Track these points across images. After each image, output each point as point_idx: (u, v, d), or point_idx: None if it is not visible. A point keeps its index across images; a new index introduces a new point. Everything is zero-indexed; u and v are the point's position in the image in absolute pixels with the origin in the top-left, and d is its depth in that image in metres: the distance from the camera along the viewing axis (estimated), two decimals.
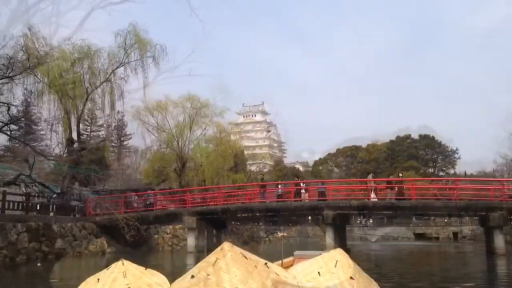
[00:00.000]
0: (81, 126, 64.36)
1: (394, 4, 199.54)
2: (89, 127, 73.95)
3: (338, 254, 3.83)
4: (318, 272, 3.51)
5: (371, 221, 76.60)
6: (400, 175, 33.93)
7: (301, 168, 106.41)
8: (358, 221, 78.09)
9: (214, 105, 42.32)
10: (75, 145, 28.14)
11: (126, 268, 3.80)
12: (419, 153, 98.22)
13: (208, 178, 39.76)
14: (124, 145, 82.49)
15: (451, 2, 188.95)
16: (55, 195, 26.48)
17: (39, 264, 18.11)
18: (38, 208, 25.14)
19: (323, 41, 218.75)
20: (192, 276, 2.87)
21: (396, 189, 25.84)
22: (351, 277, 3.50)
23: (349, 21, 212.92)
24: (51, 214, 25.39)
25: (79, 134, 28.39)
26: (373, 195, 25.81)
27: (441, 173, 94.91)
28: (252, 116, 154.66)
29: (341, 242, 25.69)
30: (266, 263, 3.12)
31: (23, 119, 22.87)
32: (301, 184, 28.94)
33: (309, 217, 67.90)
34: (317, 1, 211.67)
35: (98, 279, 3.75)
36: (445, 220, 66.88)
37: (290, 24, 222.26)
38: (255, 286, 2.51)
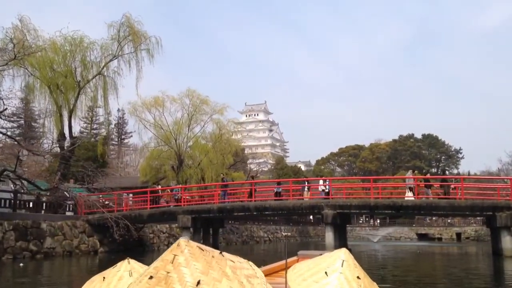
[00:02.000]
0: (81, 123, 63.70)
1: (398, 5, 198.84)
2: (89, 125, 73.42)
3: (344, 253, 3.24)
4: (326, 272, 3.08)
5: (378, 221, 75.42)
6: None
7: (303, 167, 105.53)
8: (361, 221, 77.24)
9: (214, 102, 41.52)
10: (67, 140, 27.16)
11: (132, 266, 3.40)
12: (422, 152, 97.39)
13: (207, 176, 38.83)
14: (125, 143, 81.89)
15: (456, 2, 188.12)
16: (48, 193, 25.61)
17: (21, 264, 17.21)
18: (27, 206, 24.31)
19: (327, 41, 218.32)
20: (151, 277, 2.49)
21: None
22: (358, 277, 3.05)
23: (354, 21, 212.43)
24: (42, 212, 24.54)
25: (70, 129, 27.37)
26: (410, 193, 24.19)
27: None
28: (254, 115, 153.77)
29: (342, 242, 24.75)
30: (221, 252, 2.77)
31: (6, 111, 21.71)
32: (306, 183, 27.92)
33: (311, 217, 67.20)
34: (322, 1, 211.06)
35: (104, 278, 3.33)
36: (448, 221, 66.14)
37: (295, 25, 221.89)
38: (216, 275, 2.35)
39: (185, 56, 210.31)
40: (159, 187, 30.78)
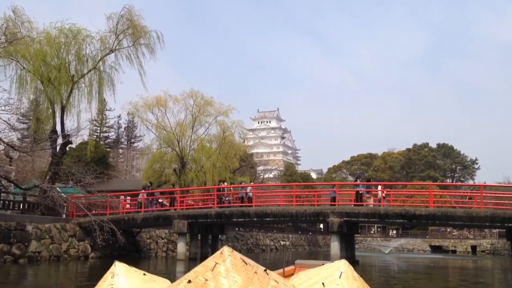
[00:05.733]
0: (90, 126, 62.68)
1: (418, 14, 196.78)
2: (99, 128, 72.58)
3: (343, 265, 3.62)
4: (323, 283, 3.42)
5: (394, 232, 73.12)
6: None
7: (314, 175, 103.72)
8: (372, 231, 75.06)
9: (219, 104, 39.94)
10: (59, 138, 25.74)
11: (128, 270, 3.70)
12: (437, 162, 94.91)
13: (210, 180, 37.20)
14: (135, 146, 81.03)
15: (477, 12, 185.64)
16: (31, 192, 24.12)
17: None
18: (13, 206, 22.93)
19: (343, 48, 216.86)
20: (189, 281, 2.83)
21: None
22: None
23: (371, 29, 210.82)
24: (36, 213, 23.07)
25: (63, 126, 25.91)
26: None
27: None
28: (267, 122, 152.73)
29: (349, 253, 22.97)
30: (265, 270, 3.08)
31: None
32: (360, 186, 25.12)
33: (321, 225, 65.20)
34: (341, 8, 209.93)
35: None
36: (466, 232, 64.27)
37: (311, 31, 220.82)
38: None
39: (207, 63, 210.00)
40: (225, 184, 29.05)
